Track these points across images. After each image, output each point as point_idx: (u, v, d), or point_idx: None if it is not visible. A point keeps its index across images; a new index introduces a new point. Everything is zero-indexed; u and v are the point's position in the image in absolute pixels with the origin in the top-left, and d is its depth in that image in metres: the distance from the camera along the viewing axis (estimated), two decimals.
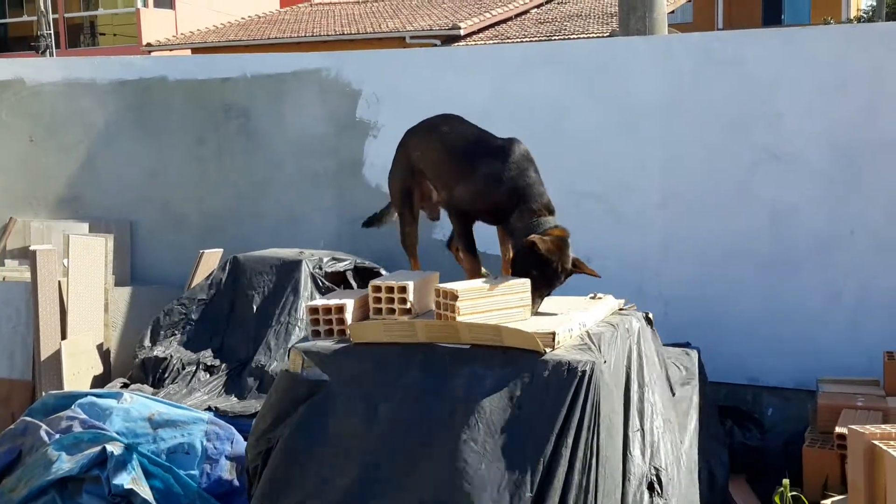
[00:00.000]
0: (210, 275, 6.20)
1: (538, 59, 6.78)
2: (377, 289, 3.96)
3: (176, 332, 5.98)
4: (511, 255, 4.12)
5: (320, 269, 6.05)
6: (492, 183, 3.98)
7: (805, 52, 6.02)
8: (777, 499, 4.50)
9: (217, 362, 5.78)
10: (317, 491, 3.61)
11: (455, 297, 3.68)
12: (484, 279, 3.95)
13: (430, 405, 3.58)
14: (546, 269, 3.86)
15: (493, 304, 3.77)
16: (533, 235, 3.82)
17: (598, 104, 6.42)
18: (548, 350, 3.57)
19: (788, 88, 6.01)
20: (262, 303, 5.94)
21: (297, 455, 3.70)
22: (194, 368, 5.78)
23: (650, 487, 3.94)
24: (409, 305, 3.91)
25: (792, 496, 4.46)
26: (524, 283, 3.84)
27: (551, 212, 3.95)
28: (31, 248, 6.19)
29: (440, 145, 4.23)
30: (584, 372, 3.47)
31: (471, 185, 4.04)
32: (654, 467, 3.86)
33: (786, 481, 4.47)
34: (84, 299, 6.18)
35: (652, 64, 6.38)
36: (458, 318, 3.67)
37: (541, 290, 3.89)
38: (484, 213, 4.08)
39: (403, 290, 3.91)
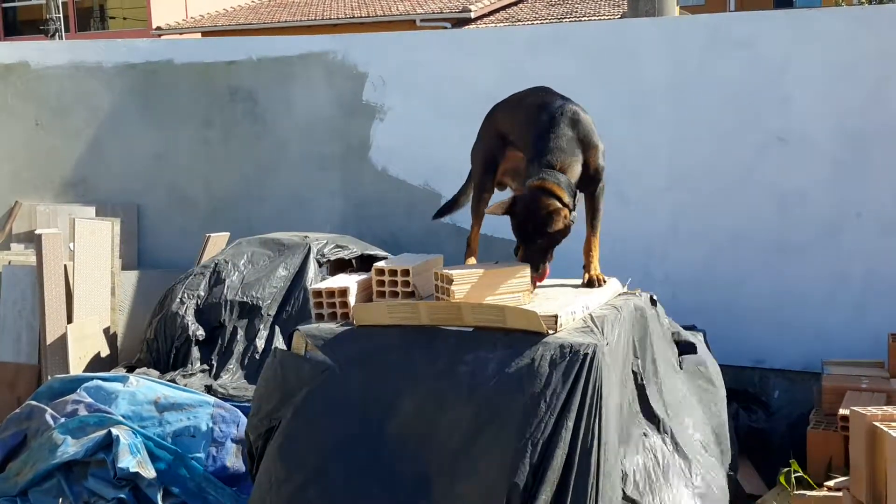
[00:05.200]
0: (214, 259, 6.20)
1: (546, 41, 6.74)
2: (380, 272, 3.97)
3: (182, 317, 5.96)
4: None
5: (323, 255, 6.04)
6: (528, 144, 3.99)
7: (814, 34, 5.97)
8: (782, 479, 4.51)
9: (223, 346, 5.77)
10: (320, 472, 3.63)
11: (450, 281, 3.67)
12: (485, 263, 3.94)
13: (433, 386, 3.59)
14: (520, 231, 3.83)
15: (490, 289, 3.75)
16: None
17: (605, 87, 6.38)
18: (550, 332, 3.56)
19: (797, 71, 5.97)
20: (267, 286, 5.93)
21: (300, 437, 3.71)
22: (200, 352, 5.78)
23: (653, 469, 3.95)
24: (411, 288, 3.91)
25: (796, 477, 4.46)
26: (524, 269, 3.82)
27: (558, 168, 3.86)
28: (37, 231, 6.19)
29: (523, 113, 4.17)
30: (586, 354, 3.47)
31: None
32: (657, 448, 3.86)
33: (793, 462, 4.48)
34: (90, 283, 6.19)
35: (660, 46, 6.34)
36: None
37: (527, 255, 3.84)
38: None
39: (406, 273, 3.92)
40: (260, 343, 5.73)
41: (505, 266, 3.86)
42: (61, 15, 27.61)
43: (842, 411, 4.67)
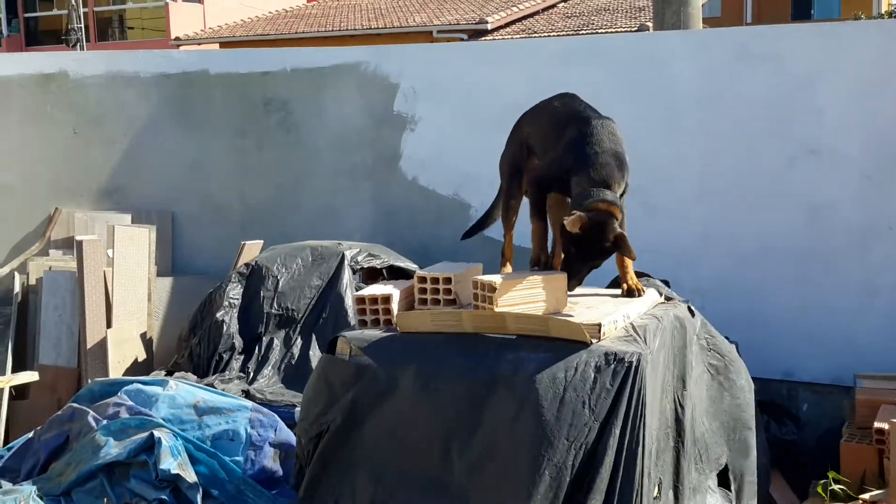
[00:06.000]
0: (249, 265, 6.29)
1: (576, 53, 6.81)
2: (422, 279, 4.05)
3: (218, 322, 6.04)
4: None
5: (356, 262, 6.14)
6: (566, 151, 4.04)
7: (843, 47, 6.02)
8: (820, 489, 4.55)
9: (260, 352, 5.86)
10: (369, 473, 3.71)
11: (493, 289, 3.75)
12: (522, 272, 4.03)
13: (476, 389, 3.65)
14: (580, 247, 3.88)
15: (531, 297, 3.82)
16: (568, 217, 3.81)
17: (635, 98, 6.44)
18: (594, 341, 3.63)
19: (827, 83, 6.01)
20: (301, 293, 6.02)
21: (349, 440, 3.79)
22: (235, 358, 5.86)
23: (691, 476, 4.01)
24: (453, 296, 3.99)
25: (833, 489, 4.52)
26: (562, 277, 3.90)
27: (608, 185, 3.92)
28: (77, 238, 6.28)
29: (547, 118, 4.27)
30: (630, 363, 3.53)
31: (552, 152, 4.12)
32: (699, 457, 3.93)
33: (831, 473, 4.53)
34: (128, 289, 6.29)
35: (689, 58, 6.41)
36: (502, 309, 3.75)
37: (577, 268, 3.92)
38: (554, 181, 4.12)
39: (448, 280, 4.00)
40: (296, 349, 5.83)
41: (542, 274, 3.94)
42: (83, 25, 27.80)
43: (877, 424, 4.70)
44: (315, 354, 5.71)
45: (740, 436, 4.49)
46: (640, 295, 4.16)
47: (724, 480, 4.36)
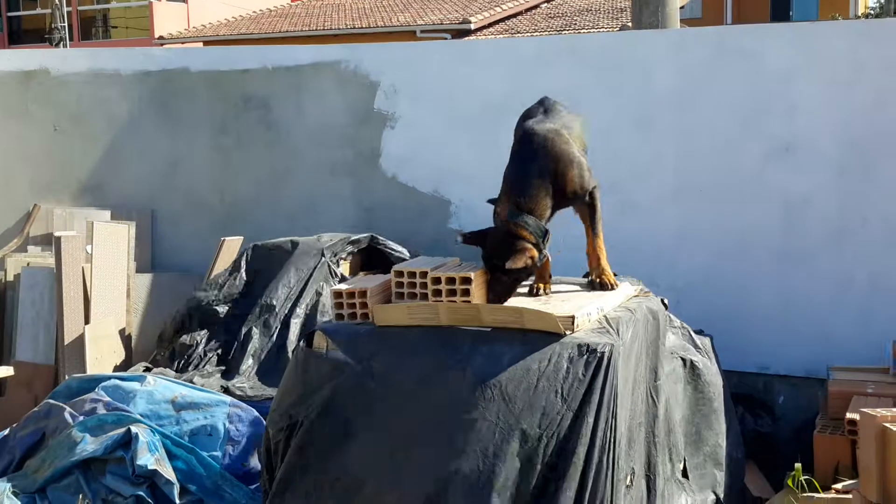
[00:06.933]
0: (232, 262, 6.31)
1: (555, 51, 6.83)
2: (399, 273, 4.07)
3: (198, 318, 6.06)
4: None
5: (335, 255, 6.18)
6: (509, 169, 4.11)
7: (819, 46, 6.06)
8: (790, 482, 4.59)
9: (237, 347, 5.87)
10: (347, 466, 3.72)
11: (469, 282, 3.80)
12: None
13: (451, 382, 3.68)
14: (485, 263, 4.02)
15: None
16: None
17: (613, 96, 6.47)
18: (567, 333, 3.67)
19: (802, 81, 6.05)
20: (280, 287, 6.04)
21: (325, 433, 3.80)
22: (215, 353, 5.88)
23: (665, 467, 4.05)
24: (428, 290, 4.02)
25: (804, 480, 4.55)
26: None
27: (529, 210, 3.95)
28: (56, 234, 6.28)
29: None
30: (603, 353, 3.58)
31: None
32: (669, 448, 3.96)
33: (798, 465, 4.57)
34: (107, 285, 6.28)
35: (667, 57, 6.43)
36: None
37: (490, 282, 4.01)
38: None
39: (425, 275, 4.02)
40: (275, 345, 5.84)
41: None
42: (66, 24, 27.74)
43: (849, 415, 4.72)
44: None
45: (697, 428, 4.53)
46: (612, 288, 4.20)
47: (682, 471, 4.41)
